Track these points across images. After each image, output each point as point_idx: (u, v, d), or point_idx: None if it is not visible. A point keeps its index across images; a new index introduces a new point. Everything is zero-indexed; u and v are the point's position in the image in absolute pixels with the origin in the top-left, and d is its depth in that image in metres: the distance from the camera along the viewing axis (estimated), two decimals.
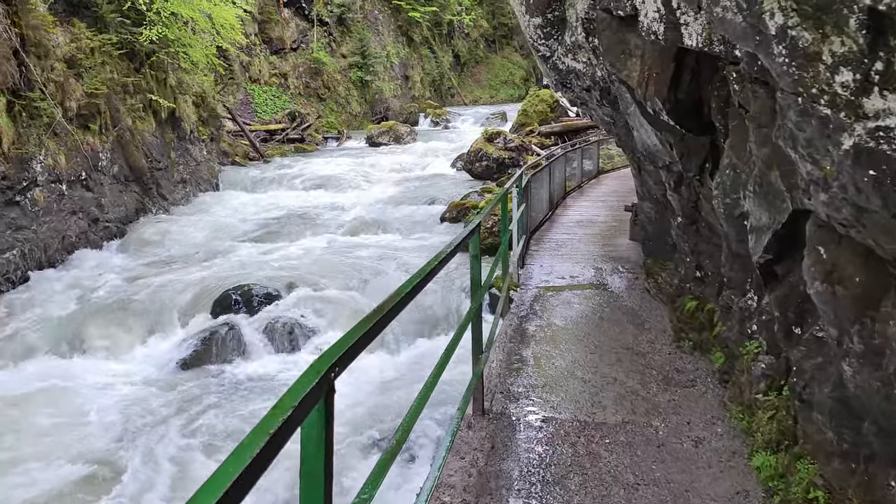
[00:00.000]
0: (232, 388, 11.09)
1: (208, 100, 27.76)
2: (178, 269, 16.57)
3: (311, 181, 26.50)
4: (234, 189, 26.18)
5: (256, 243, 18.91)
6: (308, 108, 38.21)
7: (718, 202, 5.43)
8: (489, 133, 27.51)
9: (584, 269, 11.49)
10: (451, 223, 19.61)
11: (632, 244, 13.12)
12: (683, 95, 5.97)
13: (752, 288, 5.59)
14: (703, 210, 7.06)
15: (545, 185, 15.71)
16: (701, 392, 6.50)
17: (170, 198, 23.05)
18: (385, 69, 46.23)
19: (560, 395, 6.52)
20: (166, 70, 23.91)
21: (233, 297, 13.98)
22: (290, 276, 15.29)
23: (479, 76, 59.05)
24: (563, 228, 15.31)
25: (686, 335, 7.52)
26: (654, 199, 9.10)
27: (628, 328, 8.49)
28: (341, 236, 19.48)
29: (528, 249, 12.84)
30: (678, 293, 7.97)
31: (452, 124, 42.71)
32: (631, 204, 13.37)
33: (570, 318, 8.97)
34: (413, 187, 25.43)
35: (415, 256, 16.71)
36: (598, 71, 7.80)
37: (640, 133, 7.43)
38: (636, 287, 10.29)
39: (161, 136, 23.52)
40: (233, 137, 31.19)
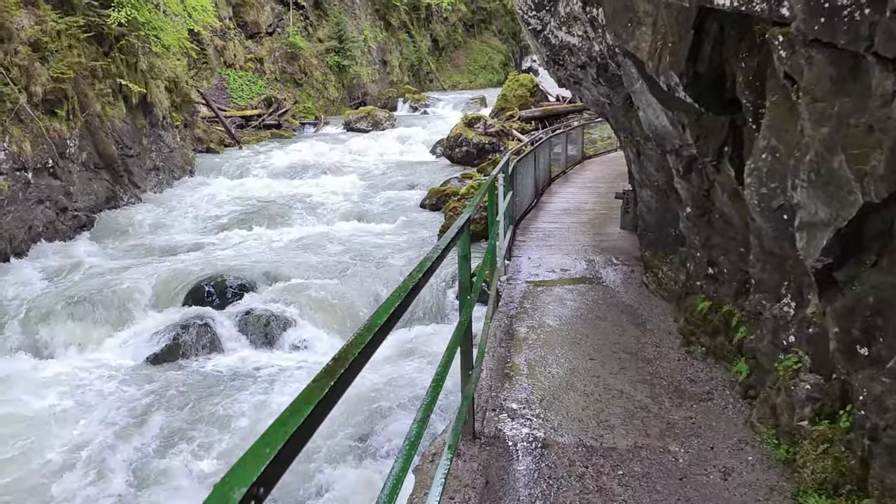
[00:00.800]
0: (204, 384, 10.58)
1: (181, 85, 26.65)
2: (149, 259, 15.87)
3: (288, 168, 25.63)
4: (208, 176, 25.17)
5: (231, 232, 18.19)
6: (285, 93, 36.90)
7: (752, 192, 4.50)
8: (469, 118, 26.72)
9: (575, 262, 10.54)
10: (430, 210, 19.06)
11: (623, 233, 12.21)
12: (704, 68, 5.03)
13: (789, 293, 4.67)
14: (716, 199, 6.14)
15: (530, 172, 14.72)
16: (720, 407, 5.57)
17: (142, 185, 22.01)
18: (362, 54, 44.86)
19: (560, 412, 5.57)
20: (137, 54, 22.76)
21: (206, 288, 13.37)
22: (266, 265, 14.66)
23: (457, 61, 57.77)
24: (549, 216, 14.33)
25: (697, 339, 6.61)
26: (655, 186, 8.18)
27: (629, 329, 7.56)
28: (318, 224, 18.85)
29: (515, 239, 11.88)
30: (686, 291, 7.04)
31: (431, 109, 41.60)
32: (622, 191, 12.42)
33: (564, 317, 8.02)
34: (392, 173, 24.70)
35: (393, 244, 16.26)
36: (596, 45, 6.87)
37: (646, 113, 6.49)
38: (633, 281, 9.36)
39: (132, 122, 22.46)
40: (208, 123, 29.99)
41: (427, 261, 3.40)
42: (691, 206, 6.58)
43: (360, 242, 16.69)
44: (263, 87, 36.41)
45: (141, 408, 9.68)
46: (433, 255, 3.53)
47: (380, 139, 30.96)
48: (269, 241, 17.14)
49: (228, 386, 10.50)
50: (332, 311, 12.83)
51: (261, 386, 10.50)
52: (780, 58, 3.94)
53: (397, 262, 14.90)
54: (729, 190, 5.82)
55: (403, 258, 15.21)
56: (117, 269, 14.99)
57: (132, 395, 10.16)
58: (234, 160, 26.88)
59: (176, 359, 11.40)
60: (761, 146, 4.41)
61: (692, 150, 6.01)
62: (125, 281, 13.90)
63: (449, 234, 4.11)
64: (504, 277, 9.44)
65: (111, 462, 8.38)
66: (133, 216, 19.66)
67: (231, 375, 10.93)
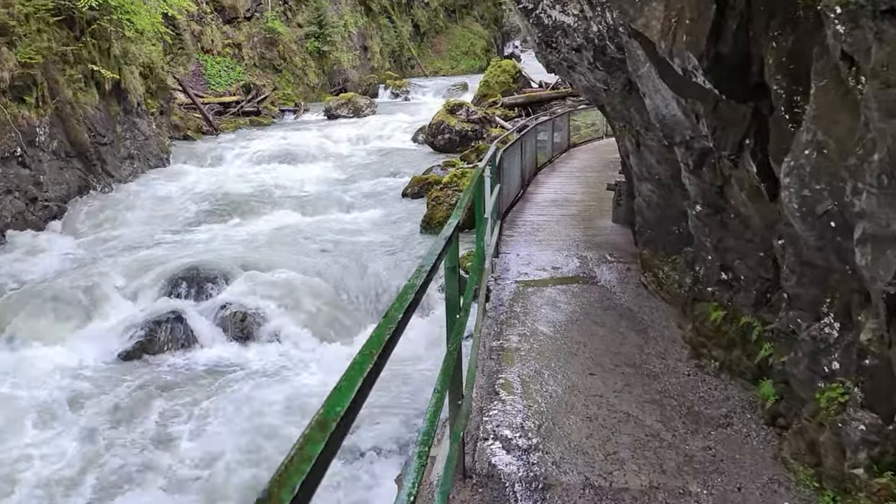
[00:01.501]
0: (177, 381, 10.12)
1: (157, 71, 25.66)
2: (122, 250, 15.21)
3: (267, 155, 24.76)
4: (185, 164, 24.26)
5: (208, 222, 17.45)
6: (264, 79, 35.73)
7: (791, 194, 3.75)
8: (451, 105, 25.98)
9: (567, 259, 9.75)
10: (412, 198, 18.46)
11: (616, 227, 11.45)
12: (727, 49, 4.27)
13: (832, 312, 3.94)
14: (732, 197, 5.39)
15: (517, 162, 13.87)
16: (742, 435, 4.82)
17: (116, 174, 21.09)
18: (343, 39, 43.55)
19: (561, 441, 4.80)
20: (109, 39, 21.75)
21: (181, 281, 12.73)
22: (243, 257, 13.99)
23: (439, 47, 56.59)
24: (537, 209, 13.50)
25: (708, 351, 5.86)
26: (656, 180, 7.41)
27: (629, 336, 6.80)
28: (298, 213, 18.10)
29: (502, 234, 11.08)
30: (694, 297, 6.28)
31: (413, 96, 40.56)
32: (614, 182, 11.63)
33: (559, 323, 7.25)
34: (373, 161, 24.02)
35: (374, 234, 15.72)
36: (594, 25, 6.09)
37: (653, 101, 5.72)
38: (630, 281, 8.60)
39: (105, 109, 21.51)
40: (185, 110, 28.93)
41: (409, 291, 2.62)
42: (702, 203, 5.83)
43: (341, 232, 16.04)
44: (242, 73, 35.27)
45: (110, 408, 9.15)
46: (416, 282, 2.75)
47: (361, 126, 30.14)
48: (246, 232, 16.41)
49: (203, 383, 9.99)
50: (311, 305, 12.24)
51: (237, 383, 9.97)
52: (837, 34, 3.19)
53: (379, 254, 14.28)
54: (748, 187, 5.09)
55: (385, 249, 14.58)
56: (88, 261, 14.38)
57: (100, 394, 9.58)
58: (211, 148, 25.97)
59: (148, 355, 10.84)
60: (804, 141, 3.66)
61: (705, 143, 5.26)
62: (96, 273, 13.28)
63: (435, 249, 3.33)
64: (492, 276, 8.67)
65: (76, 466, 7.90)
66: (106, 206, 18.83)
67: (206, 372, 10.42)
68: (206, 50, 34.52)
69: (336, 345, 11.24)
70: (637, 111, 6.79)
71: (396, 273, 13.12)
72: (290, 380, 10.30)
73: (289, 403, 9.44)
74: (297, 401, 9.49)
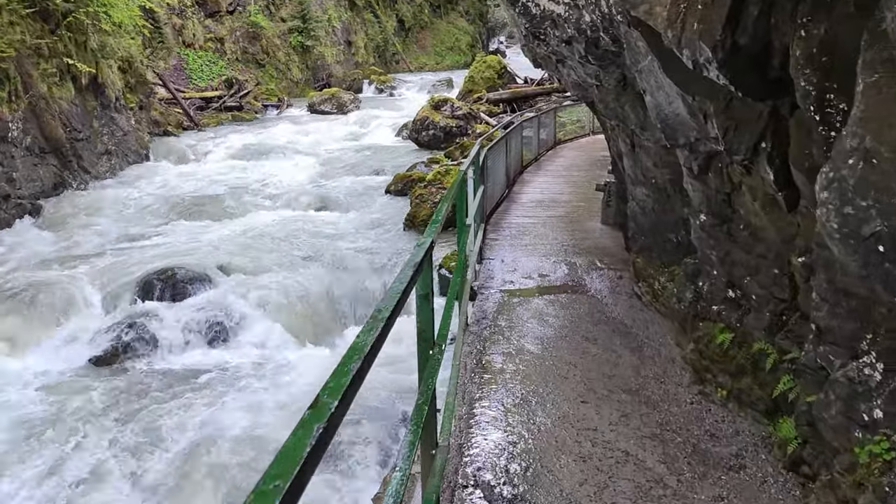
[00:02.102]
0: (150, 388, 9.62)
1: (136, 65, 24.80)
2: (97, 250, 14.58)
3: (249, 151, 24.03)
4: (165, 160, 23.50)
5: (186, 220, 16.77)
6: (246, 74, 34.80)
7: (830, 211, 3.06)
8: (436, 100, 25.32)
9: (554, 265, 9.04)
10: (396, 195, 17.89)
11: (606, 229, 10.75)
12: (746, 38, 3.58)
13: (875, 349, 3.24)
14: (742, 206, 4.71)
15: (502, 160, 13.10)
16: (758, 482, 4.11)
17: (92, 171, 20.37)
18: (327, 34, 42.42)
19: (552, 490, 4.05)
20: (86, 32, 20.93)
21: (156, 282, 12.18)
22: (221, 257, 13.40)
23: (424, 42, 55.64)
24: (523, 210, 12.75)
25: (713, 377, 5.18)
26: (652, 184, 6.71)
27: (624, 355, 6.11)
28: (279, 211, 17.44)
29: (486, 238, 10.40)
30: (695, 313, 5.58)
31: (398, 91, 39.68)
32: (604, 183, 10.92)
33: (547, 339, 6.54)
34: (356, 158, 23.34)
35: (356, 233, 15.20)
36: (587, 14, 5.40)
37: (655, 98, 5.02)
38: (622, 290, 7.90)
39: (82, 103, 20.75)
40: (165, 105, 28.04)
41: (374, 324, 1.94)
42: (706, 212, 5.16)
43: (322, 231, 15.43)
44: (224, 67, 34.30)
45: (79, 416, 8.72)
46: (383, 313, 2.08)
47: (344, 122, 29.48)
48: (225, 231, 15.72)
49: (176, 390, 9.52)
50: (290, 307, 11.73)
51: (213, 389, 9.53)
52: None
53: (361, 253, 13.69)
54: (762, 196, 4.44)
55: (367, 248, 13.99)
56: (61, 261, 13.74)
57: (70, 401, 9.12)
58: (191, 144, 25.19)
59: (120, 360, 10.35)
60: (848, 148, 2.97)
61: (713, 145, 4.58)
62: (68, 273, 12.77)
63: (404, 276, 2.65)
64: (475, 285, 7.96)
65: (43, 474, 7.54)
66: (82, 203, 18.16)
67: (179, 378, 9.92)
68: (187, 44, 33.52)
69: (316, 349, 10.76)
70: (632, 109, 6.14)
71: (379, 273, 12.62)
72: (267, 387, 9.82)
73: (265, 411, 8.94)
74: (273, 409, 8.99)
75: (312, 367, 9.88)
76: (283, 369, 10.18)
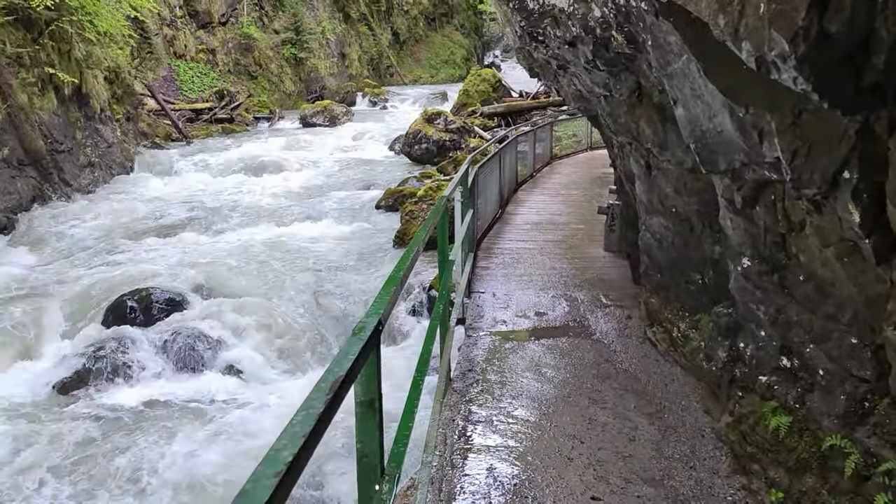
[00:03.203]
0: (118, 417, 8.92)
1: (123, 75, 24.11)
2: (70, 267, 13.87)
3: (237, 165, 23.33)
4: (150, 173, 22.75)
5: (167, 236, 16.02)
6: (238, 86, 34.08)
7: None
8: (429, 114, 24.69)
9: (553, 301, 8.12)
10: (387, 211, 17.21)
11: (609, 257, 9.92)
12: (840, 25, 2.77)
13: None
14: (803, 252, 3.90)
15: (495, 178, 12.45)
16: None
17: (74, 184, 19.63)
18: (320, 46, 41.80)
19: None
20: (70, 41, 20.22)
21: (128, 303, 11.50)
22: (200, 277, 12.70)
23: (418, 55, 55.06)
24: (517, 233, 11.80)
25: (763, 469, 4.21)
26: (672, 213, 5.83)
27: (640, 425, 5.17)
28: (264, 227, 16.72)
29: (476, 265, 9.54)
30: (731, 378, 4.74)
31: (391, 104, 39.04)
32: (606, 205, 10.05)
33: (545, 401, 5.59)
34: (347, 171, 22.75)
35: (344, 251, 14.52)
36: (597, 8, 4.65)
37: (691, 110, 4.15)
38: (632, 334, 7.02)
39: (64, 114, 20.06)
40: (154, 117, 27.34)
41: None
42: (751, 256, 4.33)
43: (308, 249, 14.75)
44: (216, 79, 33.61)
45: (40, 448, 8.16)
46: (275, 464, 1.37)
47: (336, 135, 28.81)
48: (207, 248, 15.01)
49: (147, 421, 8.88)
50: (271, 331, 11.06)
51: (185, 421, 8.89)
52: None
53: (348, 273, 13.03)
54: (836, 241, 3.61)
55: (354, 268, 13.33)
56: (31, 280, 13.12)
57: (30, 432, 8.52)
58: (179, 156, 24.46)
59: (86, 388, 9.72)
60: None
61: (766, 173, 3.79)
62: (38, 293, 12.16)
63: (330, 377, 1.87)
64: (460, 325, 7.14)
65: None
66: (61, 217, 17.43)
67: (151, 407, 9.30)
68: (178, 55, 32.85)
69: (296, 378, 10.12)
70: (649, 124, 5.36)
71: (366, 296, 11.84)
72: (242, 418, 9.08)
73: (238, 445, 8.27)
74: (247, 442, 8.31)
75: (289, 398, 9.28)
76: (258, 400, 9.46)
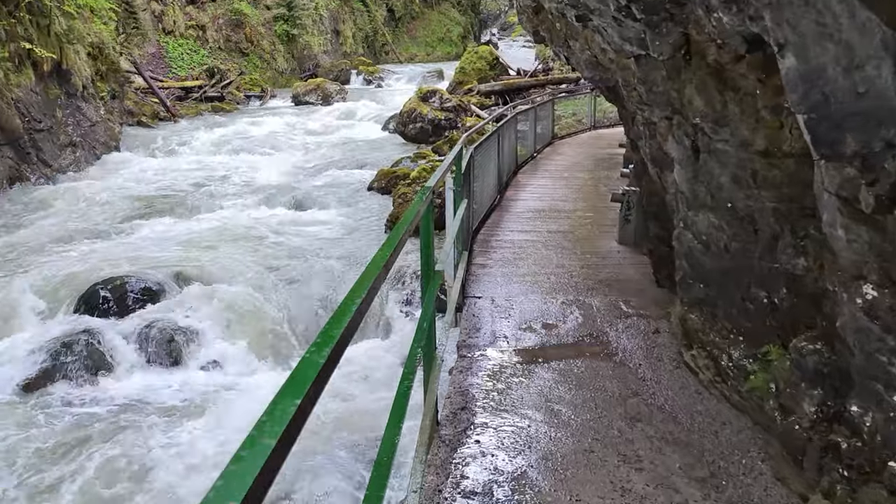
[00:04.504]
0: (88, 417, 8.30)
1: (108, 51, 23.11)
2: (42, 254, 13.01)
3: (226, 144, 22.46)
4: (135, 153, 21.87)
5: (148, 219, 15.20)
6: (229, 63, 32.96)
7: None
8: (424, 92, 23.81)
9: (563, 309, 6.79)
10: (379, 193, 16.44)
11: (625, 252, 8.68)
12: None
13: None
14: None
15: (493, 160, 11.30)
16: None
17: (54, 164, 18.74)
18: (314, 23, 40.49)
19: None
20: (49, 15, 19.24)
21: (101, 293, 10.70)
22: (180, 264, 11.89)
23: (414, 32, 53.83)
24: (518, 222, 10.52)
25: None
26: (728, 210, 4.59)
27: (691, 497, 3.78)
28: (251, 210, 15.91)
29: (472, 262, 8.34)
30: (832, 450, 3.46)
31: (386, 82, 38.27)
32: (621, 192, 8.76)
33: (560, 459, 4.22)
34: (339, 152, 21.87)
35: (333, 235, 13.84)
36: None
37: (811, 58, 2.90)
38: (663, 354, 5.65)
39: (43, 92, 19.11)
40: (141, 95, 26.35)
41: None
42: (878, 283, 3.07)
43: (296, 233, 14.02)
44: (206, 56, 32.53)
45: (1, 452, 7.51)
46: None
47: (329, 114, 27.93)
48: (189, 233, 14.16)
49: (118, 420, 8.26)
50: (253, 323, 10.33)
51: (159, 420, 8.28)
52: None
53: (335, 259, 12.26)
54: None
55: (343, 253, 12.58)
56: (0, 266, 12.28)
57: None
58: (166, 136, 23.52)
59: (54, 385, 9.04)
60: None
61: None
62: (5, 282, 11.33)
63: None
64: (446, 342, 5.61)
65: None
66: (37, 199, 16.59)
67: (123, 406, 8.65)
68: (167, 31, 31.75)
69: (280, 371, 9.46)
70: (701, 92, 4.23)
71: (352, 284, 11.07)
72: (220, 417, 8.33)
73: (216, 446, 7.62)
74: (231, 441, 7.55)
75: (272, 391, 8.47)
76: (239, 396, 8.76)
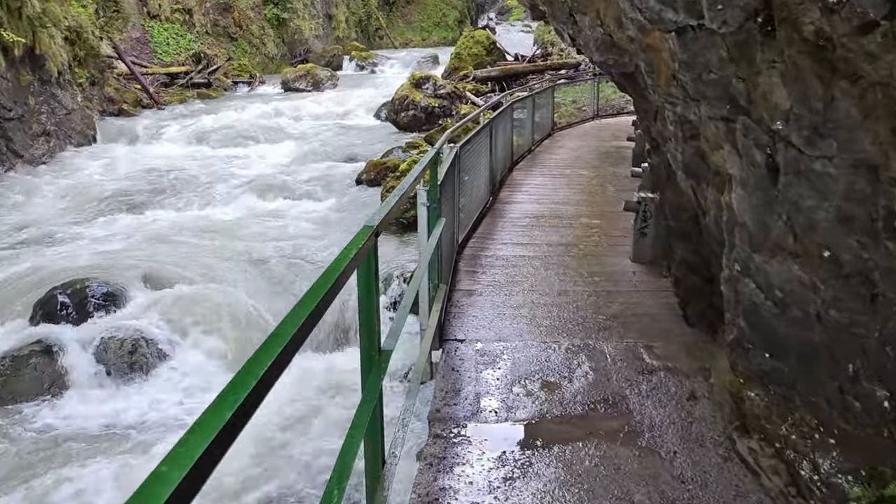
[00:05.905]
0: (40, 439, 7.58)
1: (86, 36, 22.00)
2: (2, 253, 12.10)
3: (210, 133, 21.43)
4: (114, 142, 20.87)
5: (120, 215, 14.18)
6: (217, 49, 31.77)
7: None
8: (417, 78, 22.80)
9: (568, 358, 5.28)
10: (368, 185, 15.55)
11: (641, 274, 7.17)
12: None
13: None
14: None
15: (484, 157, 9.83)
16: None
17: (25, 154, 17.81)
18: (305, 6, 39.23)
19: None
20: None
21: (59, 298, 9.77)
22: (148, 264, 10.93)
23: (409, 17, 52.74)
24: (513, 232, 9.07)
25: None
26: (826, 259, 3.23)
27: None
28: (231, 204, 15.02)
29: (455, 287, 6.93)
30: None
31: (380, 68, 37.12)
32: (636, 200, 7.35)
33: None
34: (329, 140, 20.97)
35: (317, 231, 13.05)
36: None
37: None
38: (704, 434, 4.19)
39: (15, 78, 18.11)
40: (124, 81, 25.25)
41: None
42: None
43: (279, 229, 13.17)
44: (192, 41, 31.37)
45: None
46: None
47: (319, 101, 26.94)
48: (163, 229, 13.28)
49: (74, 442, 7.53)
50: (225, 330, 9.38)
51: (119, 441, 7.53)
52: None
53: (319, 258, 11.42)
54: None
55: (327, 252, 11.66)
56: None
57: None
58: (148, 124, 22.52)
59: (5, 403, 8.25)
60: None
61: None
62: None
63: None
64: (419, 403, 4.53)
65: None
66: (3, 192, 15.69)
67: (79, 426, 7.89)
68: (152, 15, 30.59)
69: None
70: (790, 83, 3.06)
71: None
72: None
73: None
74: None
75: None
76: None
